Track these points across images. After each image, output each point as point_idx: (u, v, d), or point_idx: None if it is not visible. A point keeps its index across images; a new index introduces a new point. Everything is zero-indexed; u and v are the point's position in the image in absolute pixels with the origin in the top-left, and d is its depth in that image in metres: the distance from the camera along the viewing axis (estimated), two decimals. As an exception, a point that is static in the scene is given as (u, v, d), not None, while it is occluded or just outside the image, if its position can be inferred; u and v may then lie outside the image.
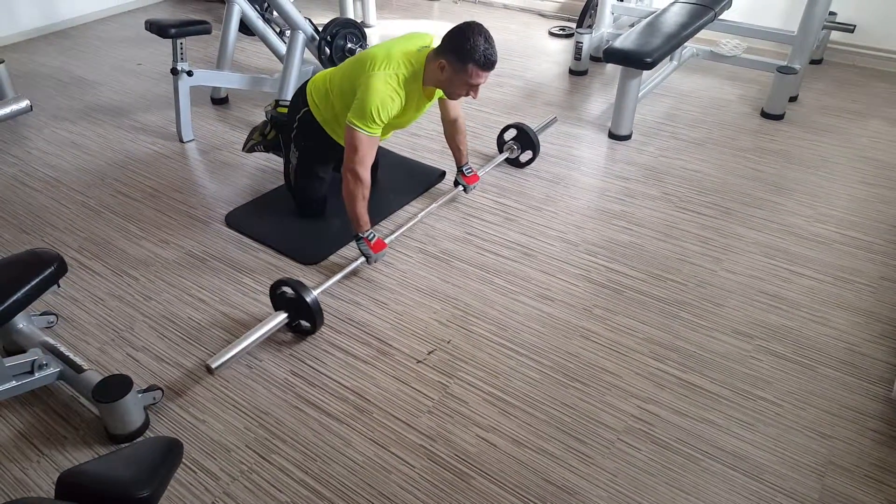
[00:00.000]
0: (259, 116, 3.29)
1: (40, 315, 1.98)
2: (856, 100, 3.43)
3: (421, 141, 3.07)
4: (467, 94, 2.02)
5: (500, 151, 2.84)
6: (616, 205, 2.58)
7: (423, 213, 2.39)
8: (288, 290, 1.88)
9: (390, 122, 2.03)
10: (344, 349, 1.92)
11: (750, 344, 1.93)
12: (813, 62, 3.77)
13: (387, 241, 2.19)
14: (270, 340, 1.94)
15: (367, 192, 2.04)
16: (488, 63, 1.89)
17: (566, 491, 1.52)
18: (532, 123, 2.87)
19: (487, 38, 1.88)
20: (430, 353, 1.90)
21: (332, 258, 2.29)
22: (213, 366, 1.68)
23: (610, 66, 3.85)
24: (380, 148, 2.64)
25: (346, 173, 2.00)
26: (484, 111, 3.36)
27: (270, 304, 2.00)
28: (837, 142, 3.03)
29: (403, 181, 2.71)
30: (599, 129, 3.17)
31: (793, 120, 3.23)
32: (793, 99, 3.37)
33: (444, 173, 2.73)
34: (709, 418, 1.70)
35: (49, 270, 1.61)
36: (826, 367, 1.85)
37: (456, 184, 2.53)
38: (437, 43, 2.03)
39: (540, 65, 3.95)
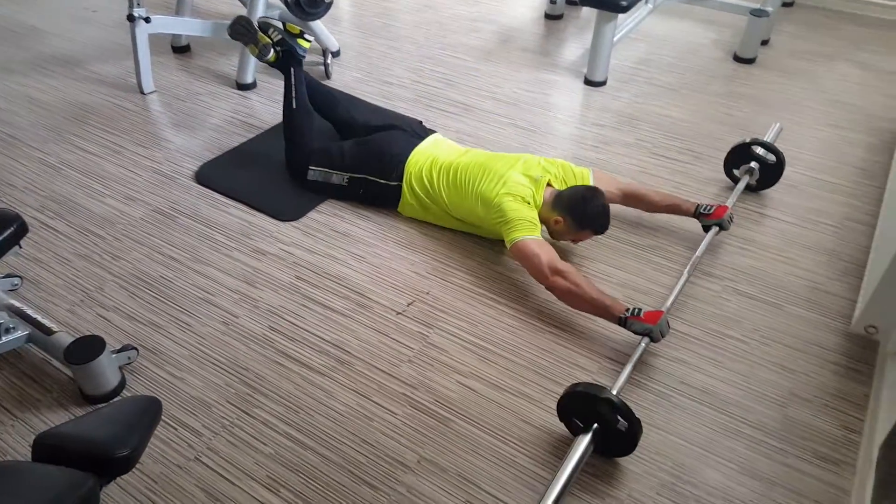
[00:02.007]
0: (225, 65, 3.17)
1: (3, 278, 1.93)
2: (825, 43, 3.44)
3: (393, 89, 3.00)
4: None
5: (734, 180, 2.34)
6: (591, 152, 2.58)
7: (687, 267, 1.90)
8: (580, 400, 1.46)
9: None
10: (322, 303, 1.91)
11: (719, 285, 1.97)
12: (785, 5, 3.75)
13: (662, 307, 1.76)
14: (244, 297, 1.92)
15: (580, 277, 1.78)
16: (603, 231, 1.98)
17: (544, 431, 1.57)
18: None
19: (605, 207, 1.94)
20: (409, 304, 1.91)
21: (314, 215, 2.24)
22: None
23: (585, 10, 3.78)
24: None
25: (551, 284, 1.80)
26: (459, 57, 3.28)
27: (250, 268, 1.96)
28: (807, 85, 3.05)
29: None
30: (575, 75, 3.13)
31: (764, 64, 3.22)
32: (764, 43, 3.36)
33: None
34: (679, 357, 1.75)
35: (9, 231, 1.55)
36: (791, 305, 1.91)
37: (706, 228, 2.07)
38: (550, 168, 2.06)
39: (515, 9, 3.85)
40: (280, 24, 2.40)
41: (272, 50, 2.36)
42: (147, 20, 2.77)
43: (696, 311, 1.89)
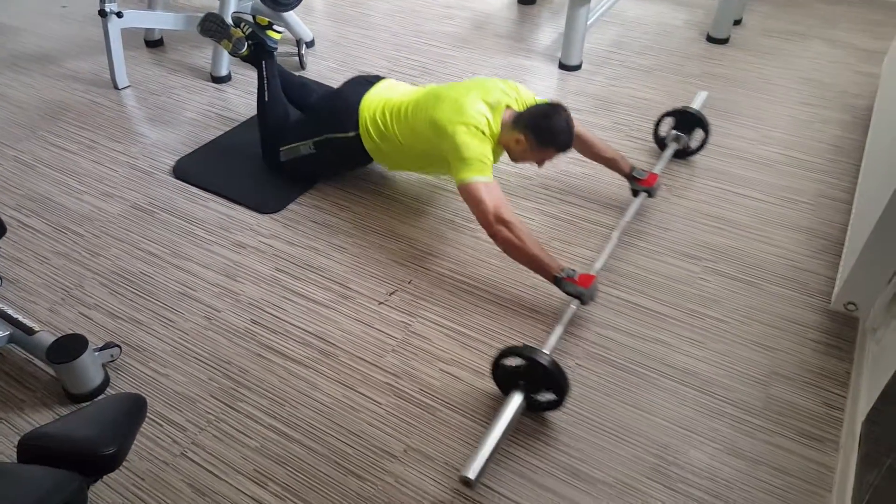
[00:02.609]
0: (199, 58, 3.13)
1: (-19, 279, 1.91)
2: (798, 21, 3.47)
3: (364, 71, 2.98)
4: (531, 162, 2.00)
5: (662, 147, 2.43)
6: (568, 136, 2.59)
7: (617, 230, 1.98)
8: (513, 360, 1.54)
9: None
10: (304, 295, 1.91)
11: (698, 266, 2.00)
12: (758, -17, 3.77)
13: (592, 271, 1.81)
14: (226, 291, 1.92)
15: (524, 231, 1.77)
16: (567, 148, 1.93)
17: (526, 415, 1.59)
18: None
19: (569, 122, 1.89)
20: (391, 293, 1.92)
21: (293, 207, 2.24)
22: (472, 476, 1.35)
23: (559, -6, 3.78)
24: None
25: (494, 232, 1.78)
26: (434, 45, 3.27)
27: (231, 262, 1.96)
28: (780, 64, 3.08)
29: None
30: (549, 59, 3.13)
31: (737, 44, 3.25)
32: (737, 22, 3.38)
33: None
34: (660, 338, 1.78)
35: (-15, 232, 1.54)
36: (769, 284, 1.94)
37: (635, 193, 2.15)
38: (510, 92, 1.97)
39: (488, -6, 3.84)
40: (250, 18, 2.38)
41: (245, 44, 2.33)
42: (119, 15, 2.73)
43: (675, 291, 1.92)
